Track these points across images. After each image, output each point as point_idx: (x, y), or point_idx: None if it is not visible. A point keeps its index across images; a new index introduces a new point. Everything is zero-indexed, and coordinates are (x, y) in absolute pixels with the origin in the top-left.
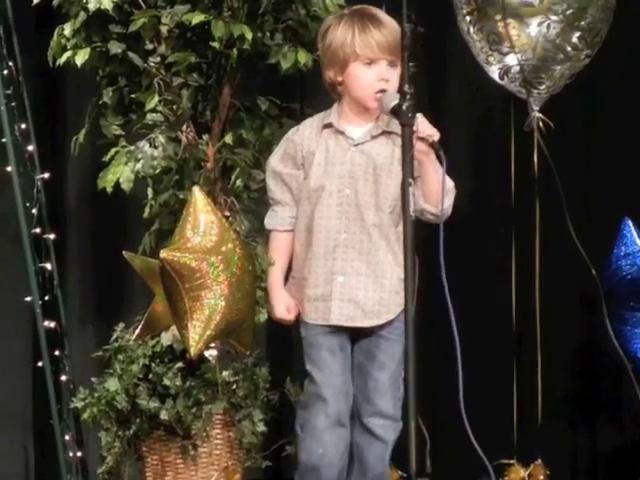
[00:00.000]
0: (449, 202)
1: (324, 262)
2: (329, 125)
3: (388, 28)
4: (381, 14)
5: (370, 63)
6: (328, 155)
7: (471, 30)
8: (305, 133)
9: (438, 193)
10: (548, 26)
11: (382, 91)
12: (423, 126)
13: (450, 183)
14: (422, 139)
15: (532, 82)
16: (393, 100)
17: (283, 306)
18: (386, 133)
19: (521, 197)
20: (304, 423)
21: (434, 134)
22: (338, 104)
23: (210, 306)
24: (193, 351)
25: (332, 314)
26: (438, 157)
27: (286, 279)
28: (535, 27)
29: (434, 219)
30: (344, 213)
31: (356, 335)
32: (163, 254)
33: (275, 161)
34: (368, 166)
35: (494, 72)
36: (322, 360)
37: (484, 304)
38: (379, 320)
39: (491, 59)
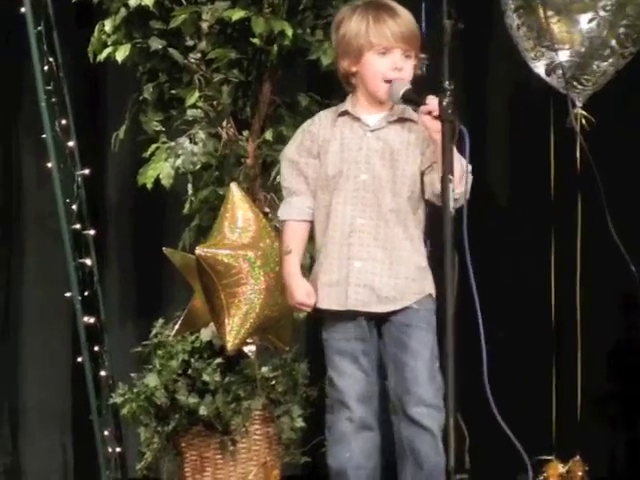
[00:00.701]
0: (464, 188)
1: (340, 247)
2: (344, 113)
3: (403, 18)
4: (396, 5)
5: (384, 52)
6: (344, 142)
7: (518, 26)
8: (320, 123)
9: (455, 175)
10: (598, 23)
11: (389, 81)
12: (438, 104)
13: (467, 167)
14: (438, 117)
15: (578, 78)
16: (403, 87)
17: (303, 290)
18: (401, 120)
19: (561, 194)
20: (331, 427)
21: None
22: (352, 95)
23: (247, 302)
24: (230, 346)
25: (348, 299)
26: (458, 136)
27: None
28: (583, 23)
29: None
30: (360, 199)
31: (382, 325)
32: (198, 250)
33: (291, 151)
34: (384, 151)
35: (539, 68)
36: (344, 367)
37: (524, 302)
38: (394, 306)
39: (538, 55)
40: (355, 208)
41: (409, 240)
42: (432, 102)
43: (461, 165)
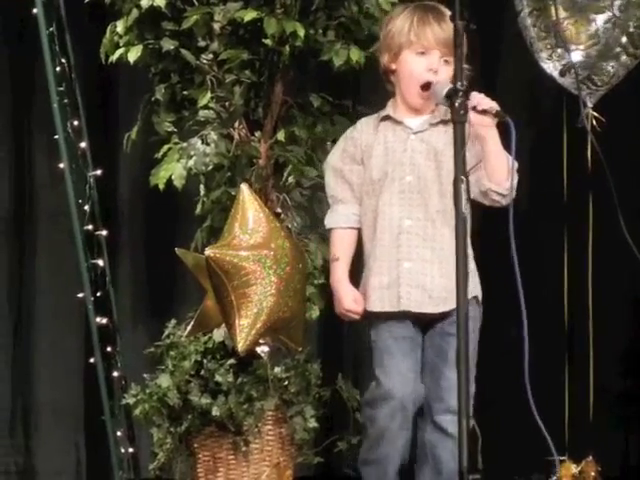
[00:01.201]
0: (510, 184)
1: (389, 249)
2: (386, 118)
3: (448, 24)
4: (445, 10)
5: (423, 53)
6: (387, 146)
7: (533, 27)
8: (362, 129)
9: (502, 170)
10: (614, 23)
11: (428, 84)
12: (483, 99)
13: (513, 161)
14: (484, 112)
15: (592, 79)
16: (445, 87)
17: (350, 297)
18: (443, 122)
19: (574, 195)
20: (371, 421)
21: (494, 106)
22: (393, 99)
23: (258, 303)
24: (240, 348)
25: (401, 299)
26: (504, 128)
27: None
28: (598, 22)
29: (500, 199)
30: (407, 200)
31: (425, 329)
32: (208, 251)
33: (334, 159)
34: (429, 152)
35: (553, 69)
36: (394, 367)
37: (536, 302)
38: (445, 307)
39: (553, 56)
40: (402, 209)
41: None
42: (476, 97)
43: (506, 159)
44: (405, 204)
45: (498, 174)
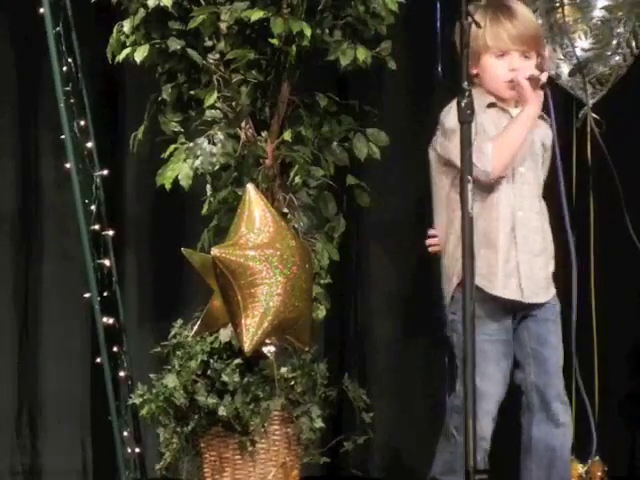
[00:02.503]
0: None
1: (505, 241)
2: (492, 105)
3: (520, 19)
4: (515, 5)
5: (502, 55)
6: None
7: (547, 27)
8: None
9: (504, 151)
10: (610, 10)
11: (513, 82)
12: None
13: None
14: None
15: (599, 79)
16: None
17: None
18: (540, 117)
19: (579, 195)
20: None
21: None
22: (478, 89)
23: (264, 303)
24: (247, 347)
25: (524, 292)
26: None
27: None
28: (596, 12)
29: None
30: (518, 191)
31: (519, 323)
32: (214, 251)
33: (452, 121)
34: (533, 144)
35: (563, 69)
36: (488, 371)
37: None
38: (550, 294)
39: (567, 56)
40: (514, 201)
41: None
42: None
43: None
44: (517, 194)
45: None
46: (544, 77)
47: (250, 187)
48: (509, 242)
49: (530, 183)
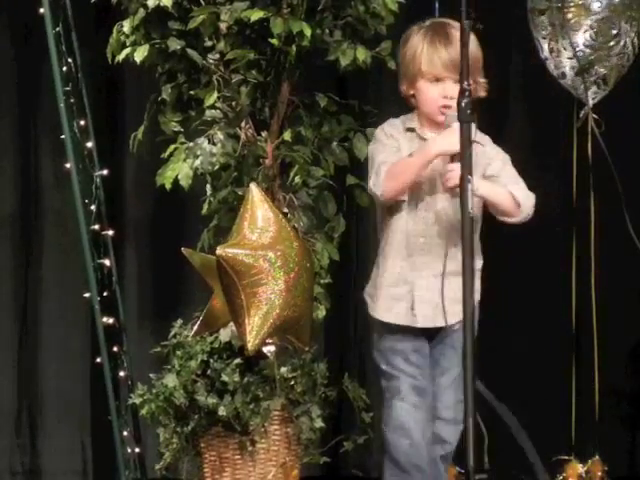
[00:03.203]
0: (526, 205)
1: (406, 264)
2: (412, 130)
3: (455, 47)
4: (454, 31)
5: (436, 80)
6: None
7: (547, 26)
8: (394, 130)
9: (509, 208)
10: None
11: (446, 107)
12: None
13: (515, 190)
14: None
15: (603, 78)
16: (454, 119)
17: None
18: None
19: (579, 194)
20: (387, 419)
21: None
22: (417, 112)
23: (268, 302)
24: (250, 347)
25: (417, 317)
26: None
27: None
28: (601, 11)
29: (518, 222)
30: (422, 218)
31: (432, 338)
32: (219, 251)
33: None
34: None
35: (568, 68)
36: (397, 363)
37: (542, 302)
38: (457, 318)
39: (578, 55)
40: (417, 228)
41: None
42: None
43: (507, 197)
44: (421, 222)
45: (507, 211)
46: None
47: (253, 187)
48: (405, 265)
49: (436, 211)
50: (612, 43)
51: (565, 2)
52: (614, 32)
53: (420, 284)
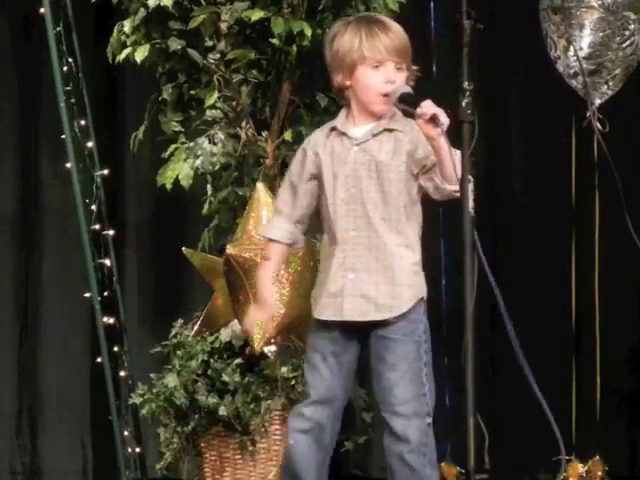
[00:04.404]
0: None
1: (336, 260)
2: (334, 129)
3: (395, 32)
4: (387, 19)
5: (377, 66)
6: (334, 157)
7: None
8: (316, 140)
9: (456, 171)
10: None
11: (387, 95)
12: (430, 107)
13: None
14: (431, 120)
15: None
16: (403, 89)
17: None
18: (387, 130)
19: (580, 194)
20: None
21: (439, 114)
22: (345, 108)
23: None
24: (257, 345)
25: (344, 310)
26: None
27: None
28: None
29: (457, 194)
30: (351, 211)
31: (367, 338)
32: (229, 250)
33: (293, 174)
34: (370, 164)
35: (576, 68)
36: (315, 362)
37: (544, 302)
38: (392, 313)
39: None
40: (348, 220)
41: (404, 246)
42: (425, 106)
43: (457, 158)
44: (350, 215)
45: (454, 176)
46: (443, 119)
47: (260, 186)
48: (337, 261)
49: (363, 202)
50: (624, 44)
51: (579, 1)
52: (626, 32)
53: (351, 278)
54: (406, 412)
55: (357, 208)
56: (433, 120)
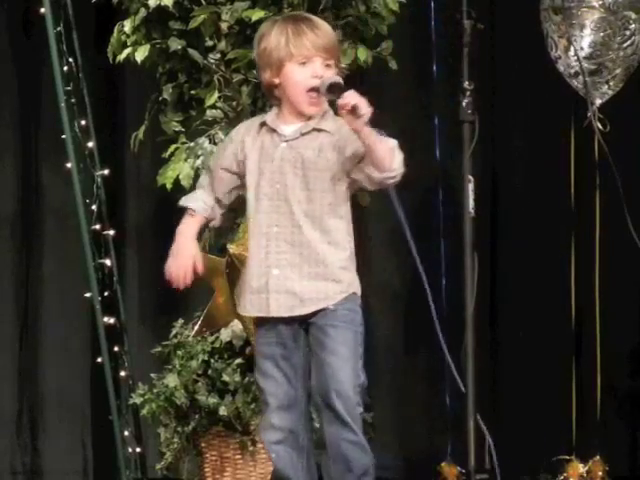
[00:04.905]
0: (399, 160)
1: (258, 256)
2: (264, 124)
3: (322, 29)
4: (314, 18)
5: (305, 62)
6: (262, 152)
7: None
8: (247, 131)
9: (386, 157)
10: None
11: (315, 89)
12: (352, 98)
13: (392, 142)
14: (352, 111)
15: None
16: (332, 79)
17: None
18: (316, 130)
19: (580, 194)
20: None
21: (361, 105)
22: (276, 108)
23: None
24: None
25: (270, 306)
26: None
27: None
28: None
29: (392, 182)
30: (275, 207)
31: (306, 330)
32: (232, 249)
33: (219, 158)
34: (297, 161)
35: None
36: (267, 370)
37: (544, 301)
38: (317, 306)
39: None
40: (271, 217)
41: (326, 243)
42: (346, 97)
43: (386, 144)
44: (273, 211)
45: (383, 162)
46: (364, 109)
47: None
48: (259, 257)
49: (287, 199)
50: (625, 44)
51: (579, 1)
52: (627, 32)
53: (276, 274)
54: (351, 396)
55: (281, 204)
56: (354, 111)
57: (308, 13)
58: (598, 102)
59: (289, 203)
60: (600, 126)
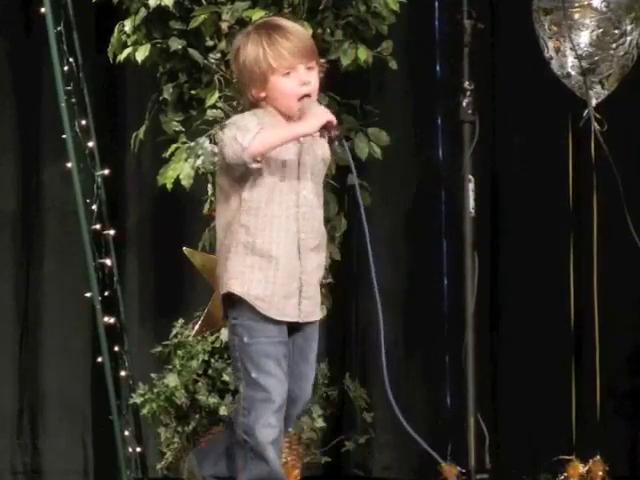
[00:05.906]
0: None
1: (290, 259)
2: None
3: (294, 34)
4: (285, 23)
5: (288, 72)
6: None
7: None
8: (255, 118)
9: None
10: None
11: (306, 96)
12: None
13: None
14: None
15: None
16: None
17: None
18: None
19: (578, 195)
20: (253, 433)
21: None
22: (264, 110)
23: None
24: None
25: (302, 312)
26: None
27: None
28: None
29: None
30: (301, 214)
31: (292, 334)
32: None
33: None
34: (316, 166)
35: (573, 69)
36: (270, 369)
37: (544, 302)
38: (320, 314)
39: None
40: (298, 224)
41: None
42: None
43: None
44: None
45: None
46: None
47: None
48: (294, 263)
49: (312, 205)
50: (617, 43)
51: (571, 2)
52: (619, 32)
53: (305, 279)
54: (307, 391)
55: (307, 210)
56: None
57: (278, 17)
58: (593, 102)
59: (312, 210)
60: (597, 126)
